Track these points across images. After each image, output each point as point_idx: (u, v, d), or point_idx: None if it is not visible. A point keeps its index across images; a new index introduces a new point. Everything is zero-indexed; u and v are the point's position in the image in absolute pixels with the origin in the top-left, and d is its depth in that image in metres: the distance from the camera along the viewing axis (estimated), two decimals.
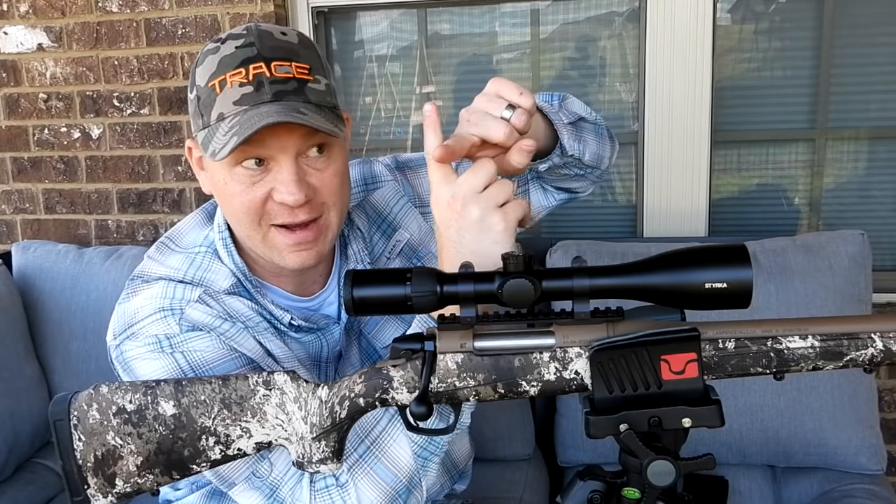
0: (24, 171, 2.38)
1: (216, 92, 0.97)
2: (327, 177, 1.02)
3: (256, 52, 0.97)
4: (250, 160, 0.98)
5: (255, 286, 1.09)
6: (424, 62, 2.28)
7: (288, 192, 0.98)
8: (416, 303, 0.78)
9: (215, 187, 1.05)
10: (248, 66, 0.96)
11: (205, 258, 1.10)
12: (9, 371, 1.95)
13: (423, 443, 0.99)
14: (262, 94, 0.95)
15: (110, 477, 0.87)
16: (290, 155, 0.98)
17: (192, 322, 1.03)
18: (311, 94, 0.98)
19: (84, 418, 0.87)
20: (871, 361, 0.77)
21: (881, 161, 2.13)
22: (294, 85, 0.97)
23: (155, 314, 1.04)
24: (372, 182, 1.24)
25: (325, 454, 0.87)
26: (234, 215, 1.04)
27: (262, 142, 0.96)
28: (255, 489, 1.00)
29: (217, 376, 0.90)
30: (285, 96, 0.96)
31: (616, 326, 0.79)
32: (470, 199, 0.86)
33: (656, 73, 2.08)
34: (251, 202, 1.00)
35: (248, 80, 0.95)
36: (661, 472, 0.77)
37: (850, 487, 1.67)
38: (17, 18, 2.27)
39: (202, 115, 0.99)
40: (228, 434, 0.87)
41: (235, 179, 1.00)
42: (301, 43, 1.01)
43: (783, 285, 1.71)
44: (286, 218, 1.01)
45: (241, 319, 1.06)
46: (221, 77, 0.97)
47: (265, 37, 0.99)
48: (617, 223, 2.27)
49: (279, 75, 0.96)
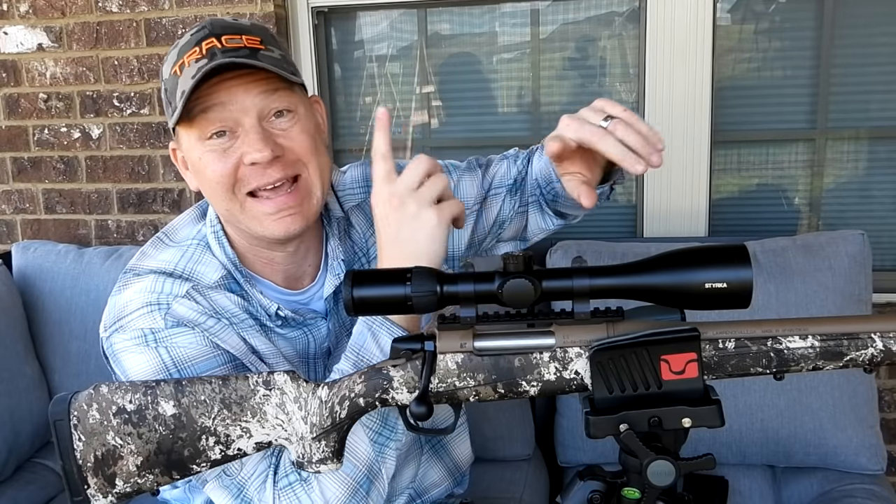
0: (24, 171, 2.38)
1: (177, 75, 1.01)
2: (294, 133, 1.04)
3: (208, 32, 1.02)
4: (214, 126, 1.01)
5: (244, 276, 1.11)
6: (424, 62, 2.28)
7: (255, 150, 1.00)
8: (416, 303, 0.78)
9: (194, 170, 1.07)
10: (201, 44, 1.01)
11: (196, 250, 1.12)
12: (9, 371, 1.95)
13: (378, 427, 0.99)
14: (215, 60, 0.98)
15: (110, 477, 0.87)
16: (252, 115, 1.01)
17: (178, 317, 1.04)
18: (264, 58, 1.01)
19: (84, 418, 0.87)
20: (871, 361, 0.77)
21: (881, 161, 2.13)
22: (246, 52, 1.00)
23: (142, 308, 1.05)
24: None
25: (325, 454, 0.87)
26: (212, 190, 1.06)
27: (223, 105, 1.00)
28: (224, 487, 1.01)
29: (217, 376, 0.90)
30: (237, 57, 0.99)
31: (616, 326, 0.79)
32: (406, 196, 0.93)
33: (656, 73, 2.08)
34: (223, 170, 1.02)
35: (203, 54, 1.00)
36: (661, 472, 0.77)
37: (850, 487, 1.67)
38: (17, 18, 2.27)
39: (170, 103, 1.04)
40: (228, 434, 0.88)
41: (207, 151, 1.03)
42: (253, 25, 1.07)
43: (783, 285, 1.71)
44: (260, 180, 1.03)
45: (227, 316, 1.08)
46: (180, 61, 1.01)
47: (217, 21, 1.05)
48: (617, 223, 2.26)
49: (230, 46, 1.00)
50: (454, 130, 2.33)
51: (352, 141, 2.36)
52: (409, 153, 2.36)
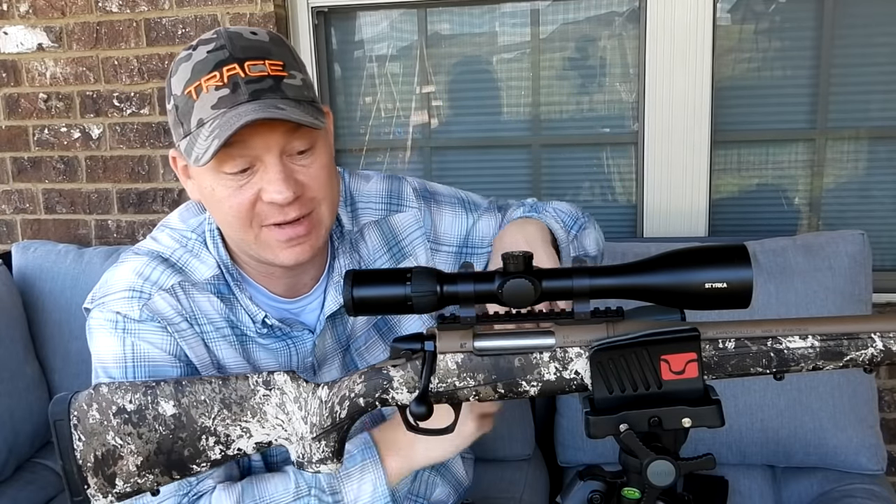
0: (24, 171, 2.38)
1: (193, 99, 0.97)
2: (314, 171, 1.02)
3: (228, 55, 0.97)
4: (235, 164, 0.98)
5: (235, 279, 1.10)
6: (424, 62, 2.28)
7: (276, 191, 0.98)
8: (416, 303, 0.78)
9: (203, 195, 1.05)
10: (222, 69, 0.96)
11: (196, 244, 1.11)
12: (9, 371, 1.94)
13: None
14: (239, 94, 0.95)
15: (110, 477, 0.87)
16: (274, 154, 0.98)
17: (154, 311, 1.05)
18: (287, 89, 0.98)
19: (84, 418, 0.87)
20: (871, 361, 0.77)
21: (881, 161, 2.13)
22: (270, 82, 0.97)
23: (125, 292, 1.06)
24: (398, 202, 1.23)
25: (325, 454, 0.87)
26: (225, 220, 1.04)
27: (245, 143, 0.96)
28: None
29: (217, 376, 0.90)
30: (262, 94, 0.96)
31: (616, 326, 0.79)
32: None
33: (656, 73, 2.08)
34: (240, 205, 1.00)
35: (224, 82, 0.95)
36: (661, 472, 0.77)
37: (850, 487, 1.67)
38: (17, 18, 2.27)
39: (182, 124, 0.99)
40: (228, 434, 0.88)
41: (222, 184, 1.00)
42: (272, 41, 1.01)
43: (783, 285, 1.71)
44: (277, 217, 1.01)
45: (203, 322, 1.08)
46: (196, 83, 0.97)
47: (235, 38, 0.99)
48: (617, 223, 2.26)
49: (254, 74, 0.96)
50: (454, 130, 2.33)
51: (352, 141, 2.36)
52: (409, 153, 2.36)
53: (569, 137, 2.26)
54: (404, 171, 2.36)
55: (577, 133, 2.25)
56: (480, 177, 2.33)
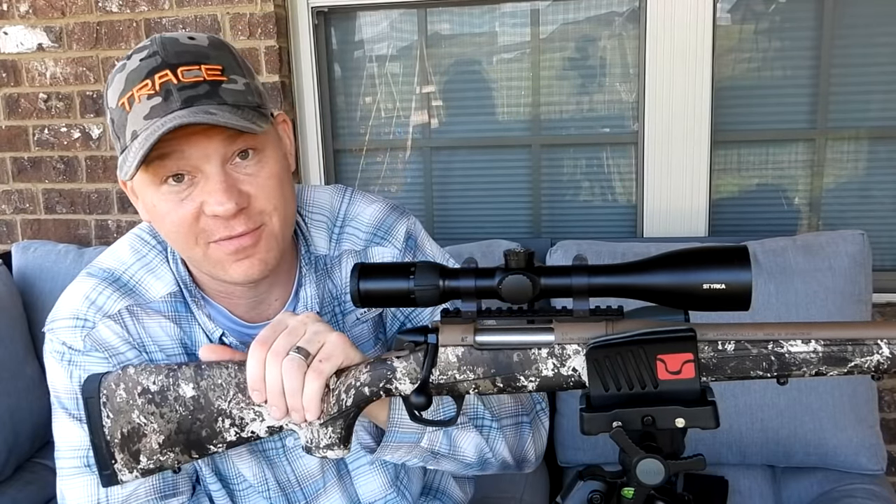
0: (24, 171, 2.38)
1: (126, 110, 0.91)
2: (261, 180, 0.95)
3: (161, 61, 0.91)
4: (172, 176, 0.92)
5: (193, 297, 1.05)
6: (424, 62, 2.28)
7: (217, 203, 0.91)
8: (418, 296, 0.80)
9: (149, 212, 0.99)
10: (154, 76, 0.90)
11: (156, 258, 1.07)
12: (9, 371, 1.95)
13: None
14: (171, 102, 0.89)
15: (135, 453, 0.92)
16: (214, 163, 0.92)
17: (98, 342, 1.01)
18: (226, 94, 0.92)
19: (112, 397, 0.92)
20: (878, 368, 0.75)
21: (881, 161, 2.13)
22: (206, 88, 0.91)
23: (69, 319, 1.03)
24: (383, 235, 1.13)
25: (332, 440, 0.89)
26: (171, 237, 0.98)
27: (182, 152, 0.90)
28: None
29: (235, 361, 0.93)
30: (196, 101, 0.90)
31: (615, 325, 0.79)
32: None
33: (656, 73, 2.08)
34: (182, 219, 0.94)
35: (156, 90, 0.90)
36: (650, 471, 0.77)
37: (850, 487, 1.67)
38: (17, 18, 2.28)
39: (119, 138, 0.94)
40: (243, 417, 0.91)
41: (163, 199, 0.94)
42: (212, 45, 0.95)
43: (783, 285, 1.71)
44: (223, 232, 0.94)
45: (153, 350, 1.03)
46: (129, 94, 0.91)
47: (169, 44, 0.93)
48: (617, 223, 2.27)
49: (187, 80, 0.90)
50: (454, 130, 2.33)
51: (352, 141, 2.36)
52: (409, 153, 2.36)
53: (569, 137, 2.26)
54: (404, 171, 2.36)
55: (577, 133, 2.25)
56: (480, 177, 2.33)
